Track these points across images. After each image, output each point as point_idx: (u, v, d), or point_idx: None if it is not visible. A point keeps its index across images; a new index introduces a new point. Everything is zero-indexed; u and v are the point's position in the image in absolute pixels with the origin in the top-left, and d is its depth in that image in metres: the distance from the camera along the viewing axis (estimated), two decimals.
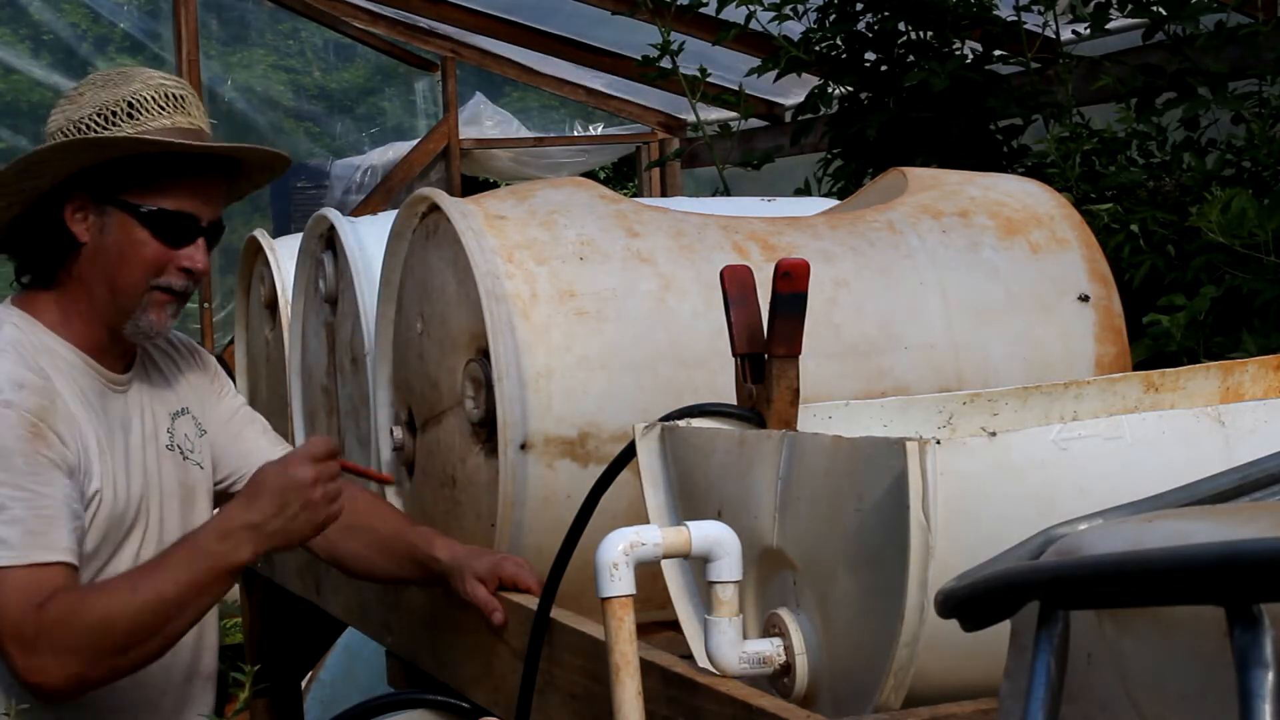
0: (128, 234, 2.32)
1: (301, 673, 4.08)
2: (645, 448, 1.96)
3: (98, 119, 2.30)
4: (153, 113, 2.31)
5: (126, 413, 2.38)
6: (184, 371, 2.53)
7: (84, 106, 2.32)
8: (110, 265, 2.33)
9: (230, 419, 2.59)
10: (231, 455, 2.56)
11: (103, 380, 2.36)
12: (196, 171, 2.34)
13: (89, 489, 2.27)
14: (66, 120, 2.33)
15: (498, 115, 8.84)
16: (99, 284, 2.35)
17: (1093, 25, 4.22)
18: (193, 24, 7.97)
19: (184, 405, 2.49)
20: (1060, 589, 0.93)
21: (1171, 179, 3.79)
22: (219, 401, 2.59)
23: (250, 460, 2.52)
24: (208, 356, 2.61)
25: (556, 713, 2.03)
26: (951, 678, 1.58)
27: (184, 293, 2.38)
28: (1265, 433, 1.62)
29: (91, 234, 2.33)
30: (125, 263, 2.33)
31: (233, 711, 2.20)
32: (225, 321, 7.98)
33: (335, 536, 2.46)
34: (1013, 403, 2.03)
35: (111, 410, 2.35)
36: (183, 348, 2.58)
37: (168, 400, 2.46)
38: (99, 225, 2.32)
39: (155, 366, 2.48)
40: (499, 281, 2.22)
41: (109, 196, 2.31)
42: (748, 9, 4.79)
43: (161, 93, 2.33)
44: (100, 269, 2.33)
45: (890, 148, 4.40)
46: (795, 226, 2.44)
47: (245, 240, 3.59)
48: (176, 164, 2.32)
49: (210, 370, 2.60)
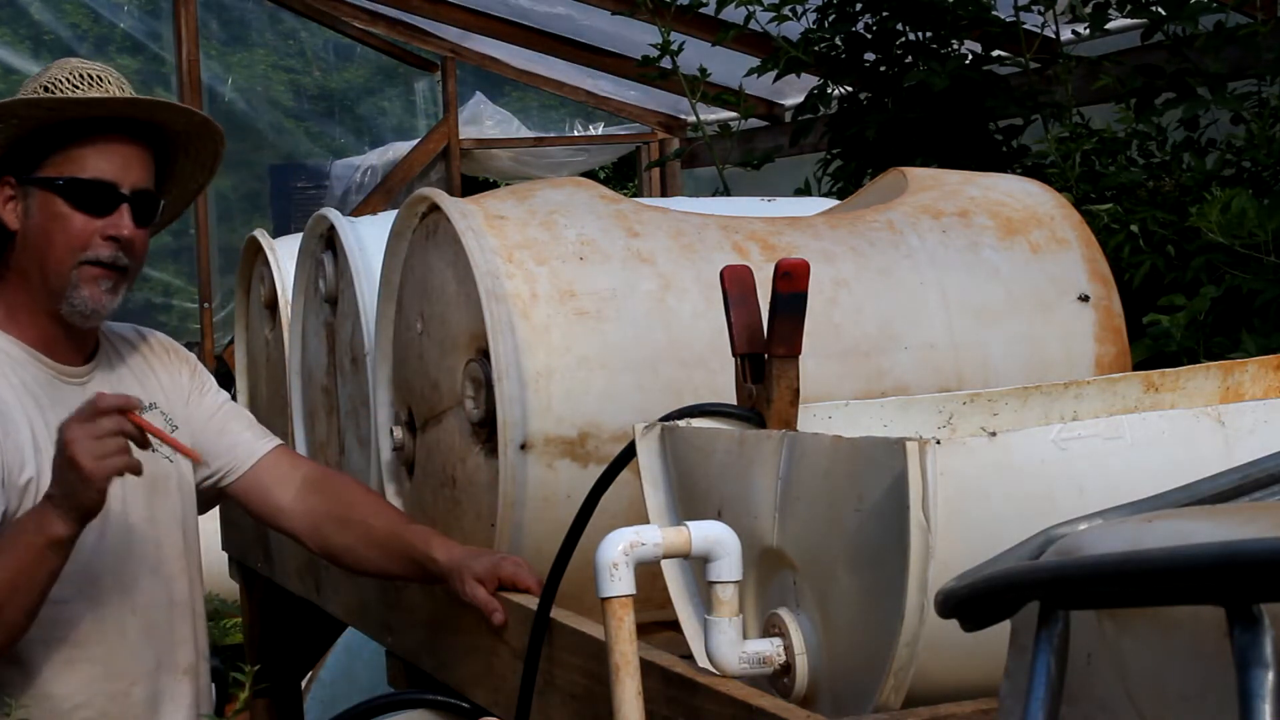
0: (49, 210, 2.35)
1: (301, 673, 4.08)
2: (645, 448, 1.96)
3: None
4: (65, 91, 2.34)
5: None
6: (157, 369, 2.53)
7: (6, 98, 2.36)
8: (39, 246, 2.37)
9: (214, 415, 2.60)
10: (219, 449, 2.57)
11: (53, 372, 2.38)
12: (109, 138, 2.36)
13: (20, 478, 2.30)
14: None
15: (498, 115, 8.84)
16: (32, 268, 2.38)
17: (1092, 25, 4.22)
18: (193, 24, 7.97)
19: (152, 401, 2.50)
20: (1060, 589, 0.93)
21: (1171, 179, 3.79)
22: (201, 399, 2.60)
23: (236, 454, 2.55)
24: (187, 355, 2.61)
25: (556, 713, 2.03)
26: (951, 678, 1.58)
27: (114, 264, 2.38)
28: (1265, 433, 1.62)
29: (20, 219, 2.35)
30: (50, 240, 2.36)
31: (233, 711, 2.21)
32: (225, 321, 7.98)
33: (327, 530, 2.47)
34: (1013, 403, 2.03)
35: (63, 401, 2.35)
36: (159, 346, 2.59)
37: (134, 394, 2.45)
38: (24, 209, 2.35)
39: (124, 362, 2.50)
40: (499, 281, 2.22)
41: (28, 177, 2.34)
42: (747, 9, 4.79)
43: (76, 74, 2.37)
44: (31, 253, 2.37)
45: (890, 148, 4.40)
46: (795, 226, 2.44)
47: (245, 240, 3.59)
48: (87, 131, 2.35)
49: (189, 369, 2.61)
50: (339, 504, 2.49)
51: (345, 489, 2.53)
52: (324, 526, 2.47)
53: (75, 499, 2.17)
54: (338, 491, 2.52)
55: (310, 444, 3.18)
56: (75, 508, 2.18)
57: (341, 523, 2.45)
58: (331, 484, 2.55)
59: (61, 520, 2.18)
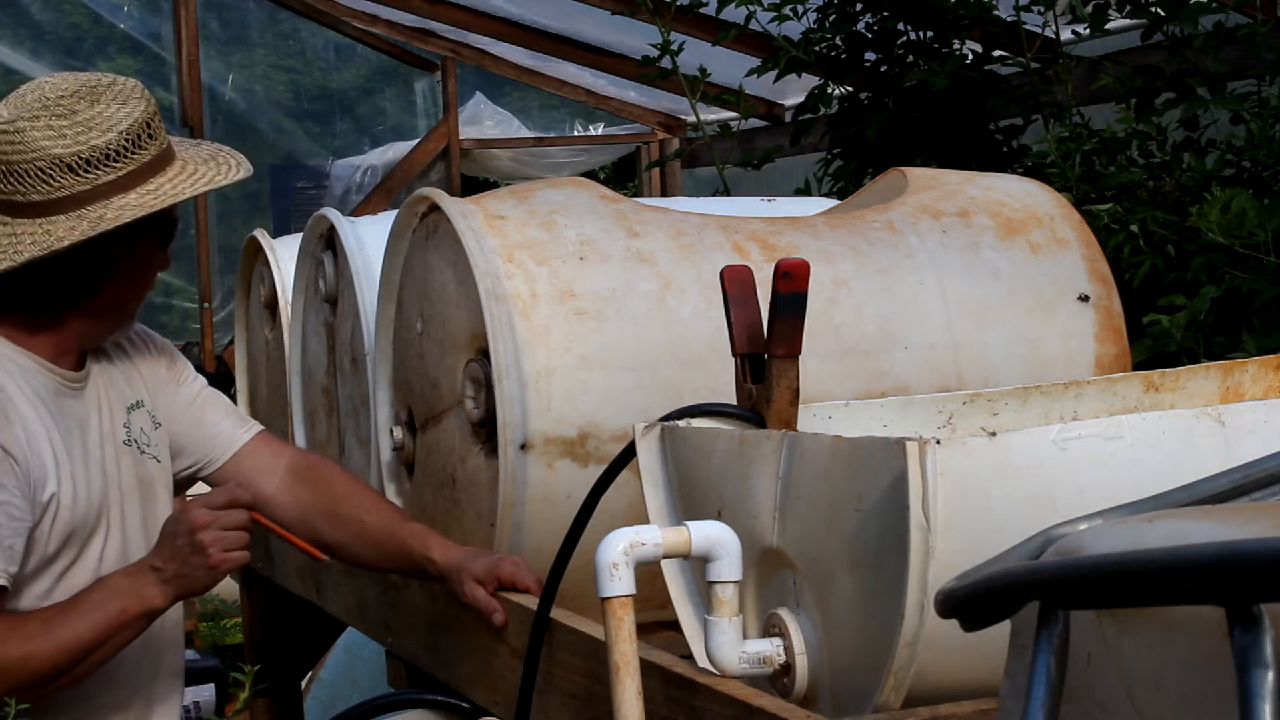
0: (148, 248, 2.34)
1: (301, 673, 4.07)
2: (645, 448, 1.96)
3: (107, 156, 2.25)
4: (144, 151, 2.30)
5: (84, 411, 2.35)
6: (138, 363, 2.47)
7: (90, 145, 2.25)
8: (135, 282, 2.35)
9: (191, 404, 2.53)
10: (197, 440, 2.51)
11: (59, 380, 2.33)
12: None
13: (43, 494, 2.25)
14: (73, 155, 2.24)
15: (498, 115, 8.84)
16: (122, 302, 2.35)
17: (1092, 25, 4.22)
18: (193, 24, 7.98)
19: (138, 398, 2.45)
20: (1060, 589, 0.93)
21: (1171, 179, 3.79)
22: (179, 388, 2.52)
23: (216, 444, 2.49)
24: (164, 344, 2.55)
25: (556, 713, 2.03)
26: (951, 678, 1.58)
27: None
28: (1265, 433, 1.62)
29: (123, 258, 2.32)
30: (144, 278, 2.37)
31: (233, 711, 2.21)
32: (225, 321, 7.98)
33: (318, 524, 2.43)
34: (1013, 403, 2.03)
35: (68, 410, 2.32)
36: (138, 339, 2.52)
37: (123, 394, 2.42)
38: (128, 246, 2.31)
39: (110, 360, 2.43)
40: (499, 281, 2.22)
41: (146, 221, 2.29)
42: (748, 9, 4.79)
43: (140, 132, 2.31)
44: (126, 288, 2.34)
45: (890, 148, 4.40)
46: (795, 226, 2.44)
47: (245, 240, 3.59)
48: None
49: (167, 357, 2.54)
50: (328, 497, 2.45)
51: (333, 480, 2.48)
52: (314, 520, 2.43)
53: (190, 581, 2.21)
54: (326, 483, 2.47)
55: (310, 444, 3.18)
56: (185, 588, 2.22)
57: (332, 517, 2.42)
58: (319, 474, 2.49)
59: (164, 595, 2.21)
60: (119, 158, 2.25)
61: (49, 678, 2.19)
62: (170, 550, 2.20)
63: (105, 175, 2.24)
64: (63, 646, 2.17)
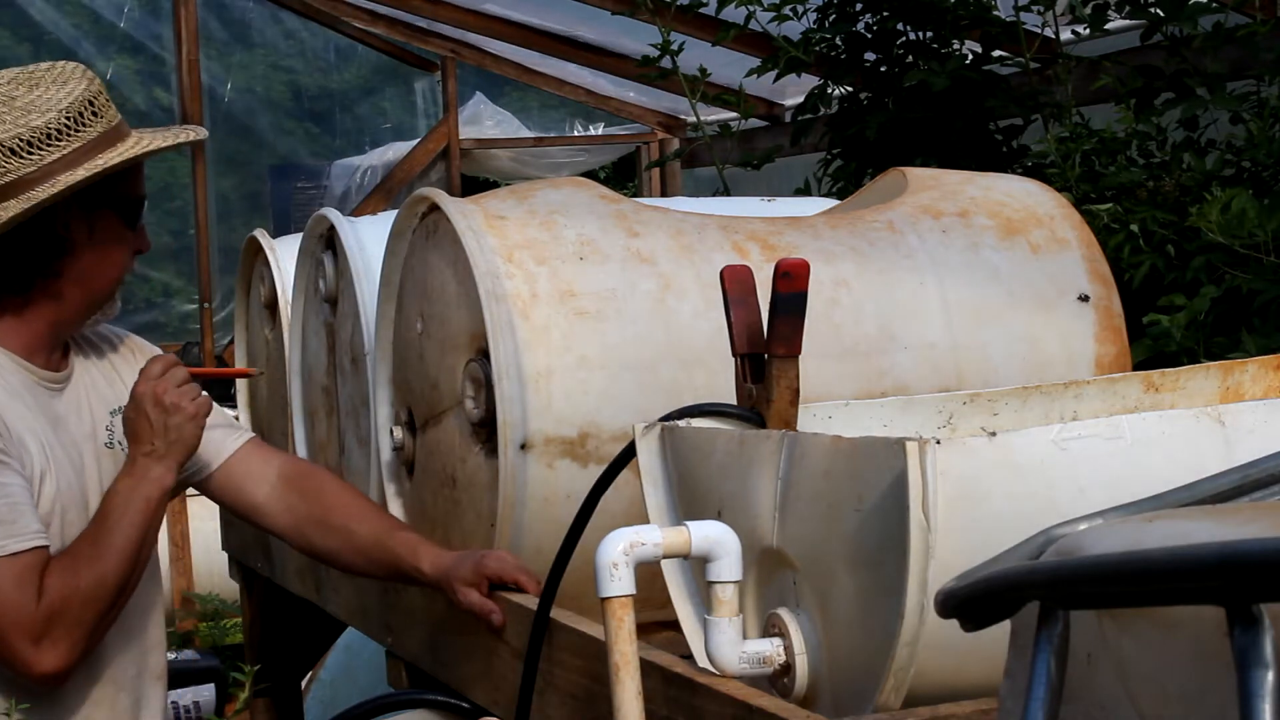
0: (112, 230, 2.34)
1: (301, 673, 4.08)
2: (645, 448, 1.96)
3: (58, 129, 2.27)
4: (100, 122, 2.31)
5: (62, 411, 2.35)
6: (123, 372, 2.48)
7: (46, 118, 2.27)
8: (101, 265, 2.34)
9: None
10: None
11: (35, 378, 2.33)
12: None
13: (34, 476, 2.28)
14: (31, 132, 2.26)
15: (498, 115, 8.84)
16: (89, 286, 2.34)
17: (1091, 26, 4.22)
18: (193, 24, 7.98)
19: (122, 403, 2.43)
20: (1060, 589, 0.93)
21: (1171, 179, 3.79)
22: None
23: (206, 451, 2.47)
24: (151, 349, 2.56)
25: (556, 713, 2.03)
26: (951, 678, 1.58)
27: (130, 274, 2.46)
28: (1265, 433, 1.62)
29: (86, 237, 2.32)
30: (111, 260, 2.35)
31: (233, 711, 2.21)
32: (225, 321, 7.98)
33: (309, 532, 2.44)
34: (1013, 403, 2.03)
35: (46, 408, 2.33)
36: (124, 348, 2.53)
37: (106, 398, 2.42)
38: (89, 226, 2.32)
39: (94, 365, 2.44)
40: (499, 281, 2.22)
41: (103, 198, 2.31)
42: (748, 9, 4.79)
43: (88, 104, 2.32)
44: (92, 271, 2.33)
45: (890, 148, 4.41)
46: (795, 226, 2.44)
47: (245, 240, 3.58)
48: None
49: None
50: (319, 506, 2.44)
51: (324, 489, 2.47)
52: (306, 528, 2.44)
53: (182, 441, 2.27)
54: (316, 492, 2.46)
55: (310, 444, 3.18)
56: (183, 451, 2.29)
57: (323, 526, 2.42)
58: (310, 482, 2.49)
59: (169, 468, 2.28)
60: (61, 136, 2.27)
61: (124, 589, 2.25)
62: (148, 429, 2.27)
63: (50, 154, 2.26)
64: (122, 555, 2.23)
